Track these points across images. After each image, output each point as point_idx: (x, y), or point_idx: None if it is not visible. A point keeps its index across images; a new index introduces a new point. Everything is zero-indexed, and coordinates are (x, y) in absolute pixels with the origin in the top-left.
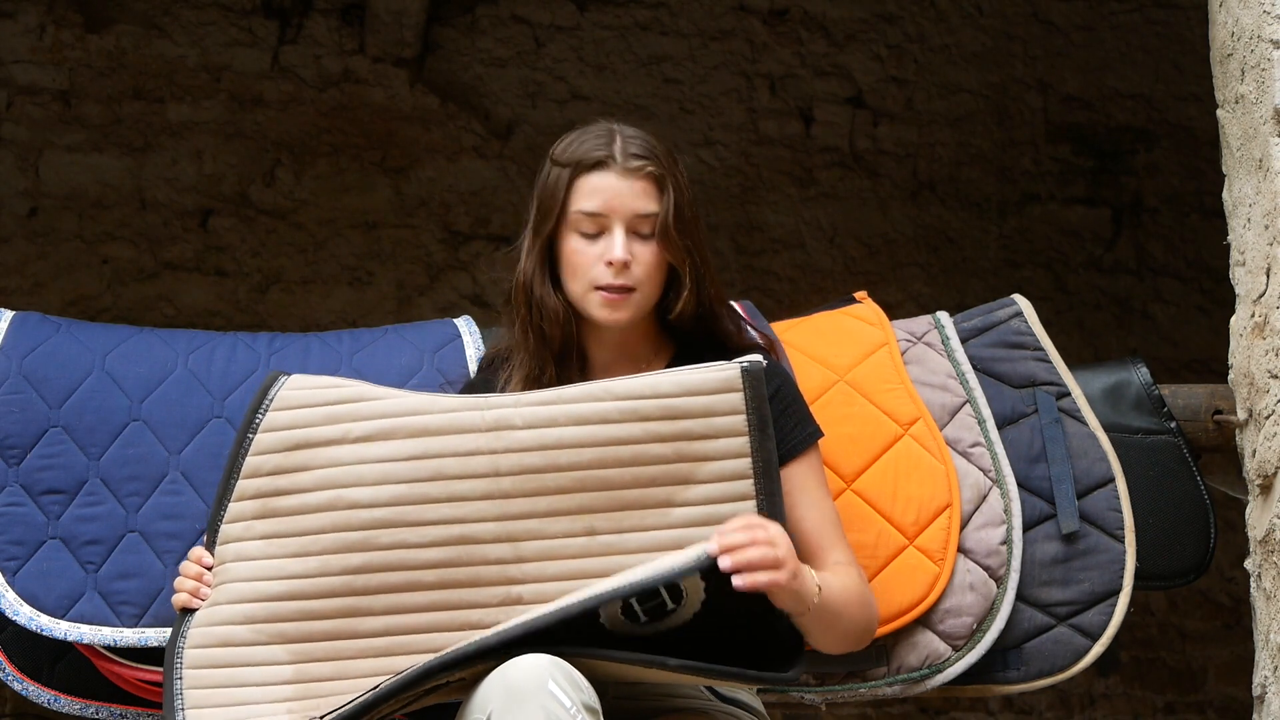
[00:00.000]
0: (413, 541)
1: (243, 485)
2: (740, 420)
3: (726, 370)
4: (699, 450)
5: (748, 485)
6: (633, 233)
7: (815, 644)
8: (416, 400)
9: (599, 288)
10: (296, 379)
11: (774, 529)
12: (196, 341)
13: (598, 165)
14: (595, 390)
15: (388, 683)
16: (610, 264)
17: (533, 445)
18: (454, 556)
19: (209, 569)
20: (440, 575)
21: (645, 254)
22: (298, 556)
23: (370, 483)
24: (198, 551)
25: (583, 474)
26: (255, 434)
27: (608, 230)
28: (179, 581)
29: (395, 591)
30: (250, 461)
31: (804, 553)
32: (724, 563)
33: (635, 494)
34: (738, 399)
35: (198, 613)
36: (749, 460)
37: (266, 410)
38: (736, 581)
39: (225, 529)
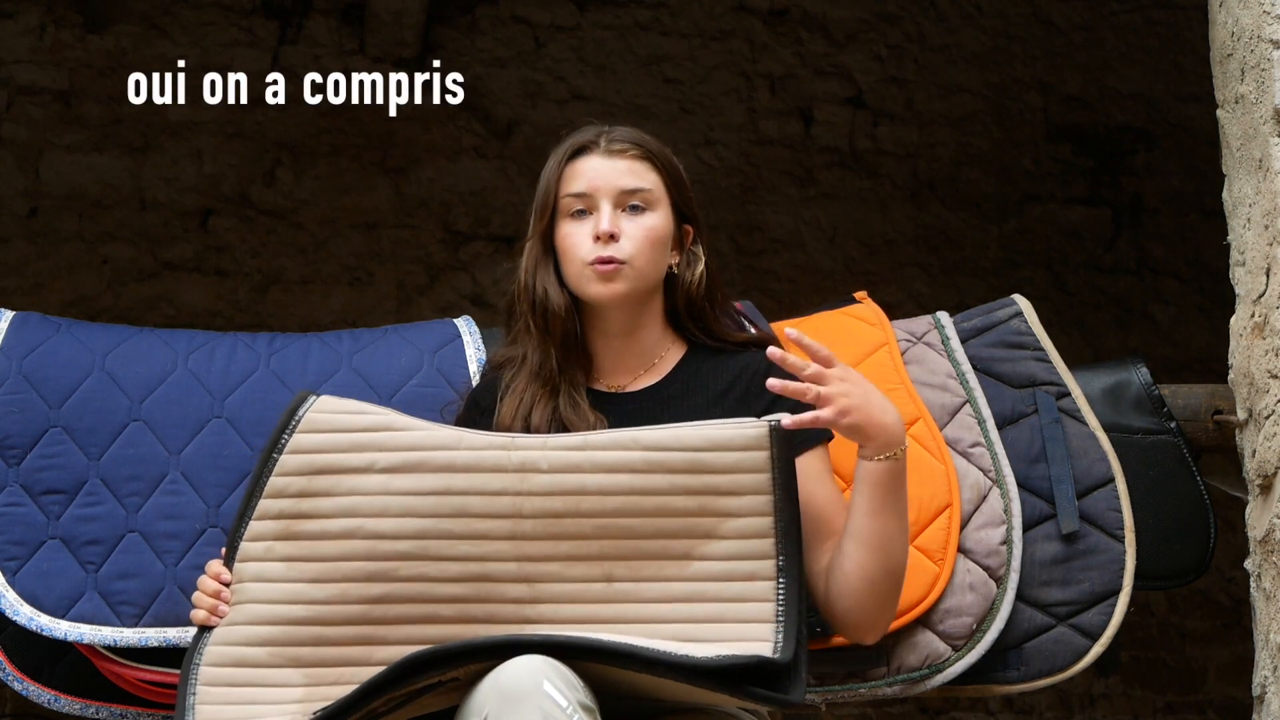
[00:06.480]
0: (433, 576)
1: (265, 505)
2: (765, 479)
3: (756, 428)
4: (722, 506)
5: (769, 544)
6: (620, 209)
7: (861, 541)
8: (445, 435)
9: (590, 264)
10: (325, 401)
11: (838, 369)
12: (196, 341)
13: (582, 150)
14: (622, 439)
15: (377, 675)
16: (598, 238)
17: (556, 490)
18: (472, 593)
19: (227, 585)
20: (458, 610)
21: (634, 228)
22: (317, 582)
23: (394, 515)
24: (215, 567)
25: (604, 522)
26: (281, 454)
27: (595, 209)
28: (197, 598)
29: (413, 623)
30: (274, 482)
31: (821, 527)
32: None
33: (656, 545)
34: (764, 457)
35: (215, 631)
36: (771, 519)
37: (293, 431)
38: (787, 422)
39: (245, 547)
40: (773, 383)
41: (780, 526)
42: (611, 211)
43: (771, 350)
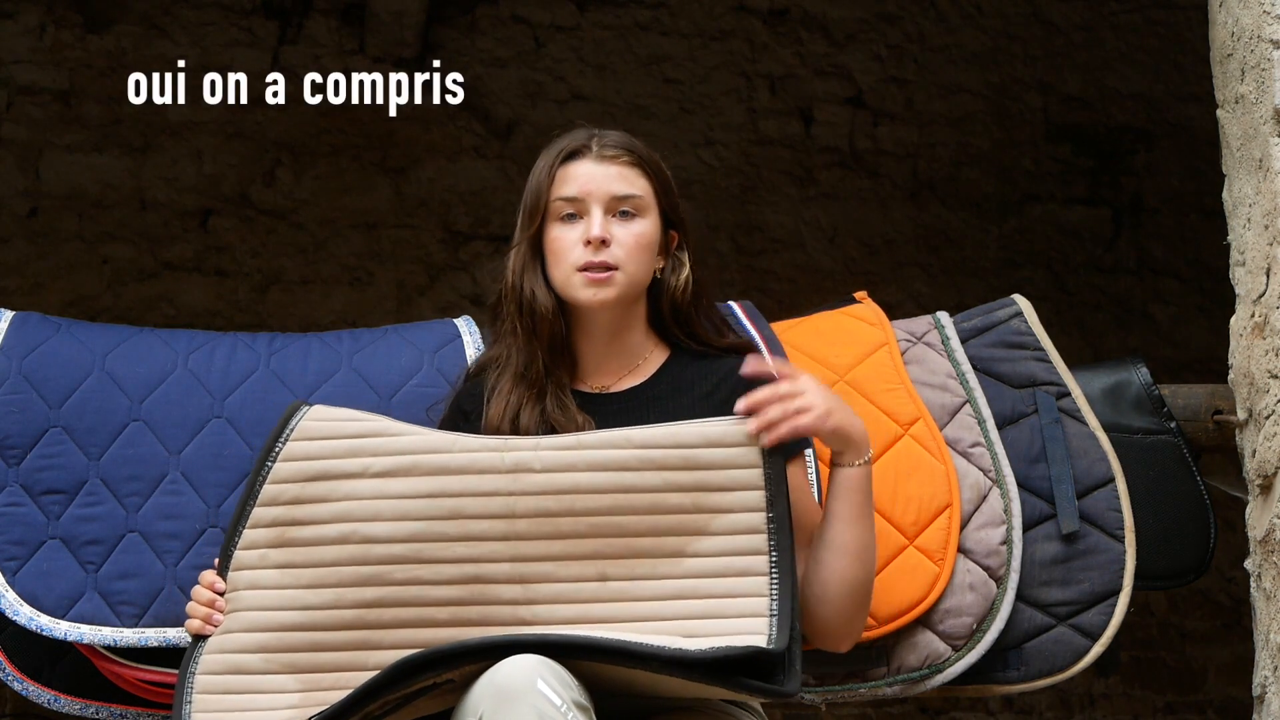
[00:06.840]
0: (427, 578)
1: (259, 513)
2: (758, 474)
3: (748, 424)
4: (715, 502)
5: (761, 540)
6: (611, 215)
7: (842, 549)
8: (437, 439)
9: (580, 269)
10: (318, 410)
11: (802, 380)
12: (196, 341)
13: (574, 154)
14: (615, 438)
15: (373, 678)
16: (589, 243)
17: (550, 489)
18: (467, 595)
19: (221, 594)
20: (452, 613)
21: (624, 234)
22: (312, 588)
23: (388, 518)
24: (209, 576)
25: (598, 520)
26: (274, 462)
27: (586, 214)
28: (191, 607)
29: (407, 627)
30: (268, 490)
31: (799, 536)
32: (750, 426)
33: (649, 542)
34: (757, 454)
35: (210, 639)
36: (764, 515)
37: (287, 439)
38: (764, 441)
39: (239, 555)
40: (741, 404)
41: (773, 522)
42: (603, 217)
43: (745, 369)
